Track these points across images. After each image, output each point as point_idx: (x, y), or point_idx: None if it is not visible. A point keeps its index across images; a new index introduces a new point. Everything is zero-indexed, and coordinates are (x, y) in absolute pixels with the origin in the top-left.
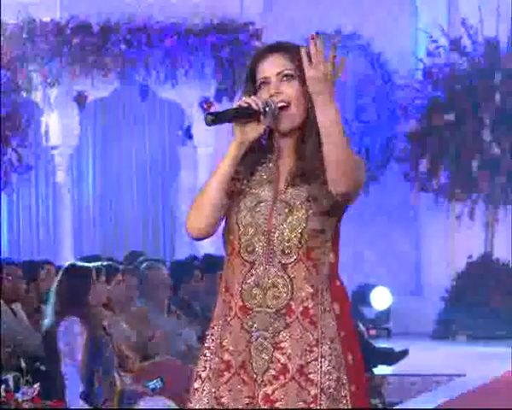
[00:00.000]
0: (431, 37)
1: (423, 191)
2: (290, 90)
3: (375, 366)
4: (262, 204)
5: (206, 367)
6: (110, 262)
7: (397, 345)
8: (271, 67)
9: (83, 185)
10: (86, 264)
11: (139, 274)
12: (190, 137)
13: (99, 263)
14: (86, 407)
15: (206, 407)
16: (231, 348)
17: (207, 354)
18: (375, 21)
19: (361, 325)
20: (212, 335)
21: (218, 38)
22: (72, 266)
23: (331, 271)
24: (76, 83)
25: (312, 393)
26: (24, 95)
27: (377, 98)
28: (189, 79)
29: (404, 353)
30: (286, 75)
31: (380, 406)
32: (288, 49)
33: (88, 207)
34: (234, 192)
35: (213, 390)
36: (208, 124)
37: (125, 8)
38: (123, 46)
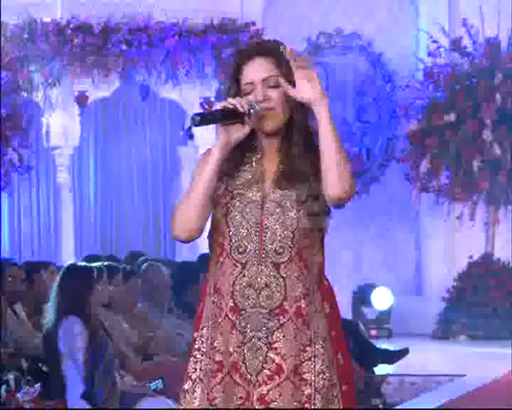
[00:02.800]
0: (432, 37)
1: (424, 191)
2: (276, 95)
3: (376, 366)
4: (252, 205)
5: (196, 369)
6: (111, 262)
7: (397, 345)
8: (257, 72)
9: (83, 185)
10: (87, 264)
11: (140, 274)
12: (191, 137)
13: (100, 263)
14: (87, 406)
15: (200, 406)
16: (222, 348)
17: (198, 356)
18: (375, 21)
19: (361, 325)
20: (201, 336)
21: (218, 38)
22: (73, 266)
23: (320, 271)
24: (77, 83)
25: (306, 393)
26: (25, 95)
27: (378, 98)
28: (189, 79)
29: (405, 352)
30: (271, 83)
31: (380, 406)
32: (273, 53)
33: (89, 208)
34: (219, 194)
35: (206, 392)
36: (195, 125)
37: (126, 8)
38: (123, 46)
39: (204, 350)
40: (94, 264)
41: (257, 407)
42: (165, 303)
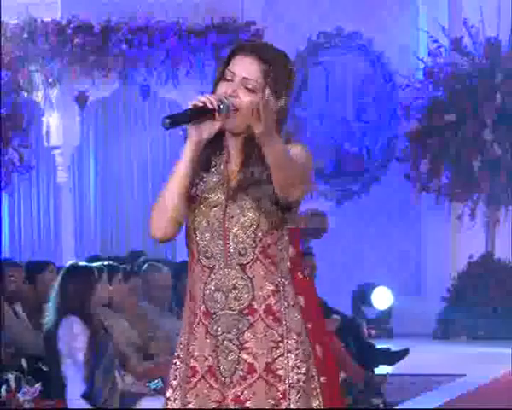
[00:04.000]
0: (432, 36)
1: (424, 191)
2: (246, 99)
3: (376, 366)
4: (216, 208)
5: (176, 376)
6: (111, 262)
7: (398, 345)
8: (242, 68)
9: (84, 185)
10: (88, 264)
11: (140, 274)
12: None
13: (100, 263)
14: (87, 406)
15: None
16: (197, 353)
17: (177, 363)
18: (375, 21)
19: (363, 326)
20: (180, 343)
21: (219, 38)
22: (74, 266)
23: (292, 265)
24: (77, 83)
25: (281, 389)
26: (25, 95)
27: (378, 98)
28: (190, 79)
29: (405, 352)
30: (249, 85)
31: (380, 405)
32: (268, 62)
33: (89, 207)
34: (189, 198)
35: (182, 397)
36: (166, 128)
37: (126, 8)
38: (124, 46)
39: (182, 357)
40: (94, 264)
41: (231, 407)
42: (165, 303)
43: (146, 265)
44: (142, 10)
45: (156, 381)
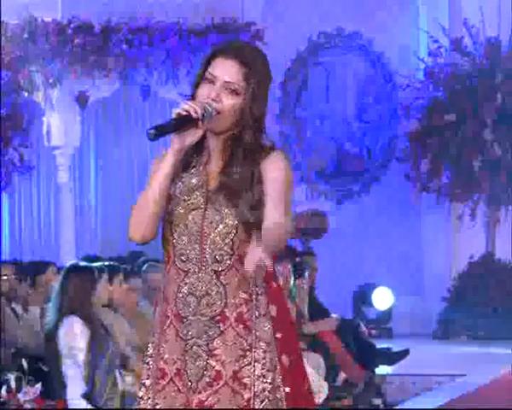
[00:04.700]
0: (432, 37)
1: (424, 191)
2: (229, 102)
3: (377, 366)
4: (194, 212)
5: (149, 375)
6: (112, 262)
7: (398, 345)
8: (224, 71)
9: (84, 185)
10: (88, 264)
11: (140, 274)
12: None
13: (101, 263)
14: (87, 406)
15: None
16: (166, 356)
17: (150, 363)
18: (376, 21)
19: (362, 325)
20: (152, 343)
21: (219, 37)
22: (75, 266)
23: (267, 274)
24: (77, 83)
25: (246, 397)
26: (25, 95)
27: (378, 98)
28: (190, 79)
29: (405, 352)
30: (232, 88)
31: (381, 406)
32: (249, 65)
33: (89, 208)
34: (168, 199)
35: (152, 397)
36: (151, 139)
37: (127, 8)
38: (124, 46)
39: (154, 357)
40: (95, 264)
41: None
42: None
43: (146, 265)
44: (143, 10)
45: None
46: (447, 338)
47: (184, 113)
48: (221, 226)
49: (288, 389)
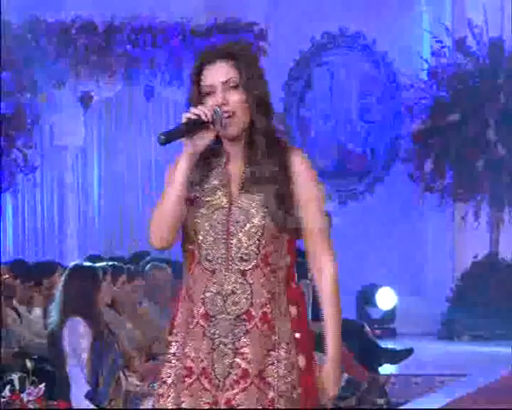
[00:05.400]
0: (435, 37)
1: (428, 191)
2: (235, 98)
3: (380, 365)
4: (218, 211)
5: (170, 374)
6: (115, 263)
7: (401, 345)
8: (217, 75)
9: (88, 185)
10: (92, 264)
11: (144, 275)
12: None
13: (104, 263)
14: (91, 407)
15: None
16: (193, 354)
17: (173, 361)
18: (379, 21)
19: (367, 327)
20: (176, 341)
21: (222, 38)
22: (78, 266)
23: (287, 273)
24: (81, 83)
25: (270, 396)
26: (29, 95)
27: (382, 98)
28: None
29: (409, 351)
30: (231, 85)
31: (384, 406)
32: (233, 56)
33: (93, 208)
34: (187, 201)
35: (176, 395)
36: (161, 144)
37: (130, 8)
38: (128, 46)
39: (178, 356)
40: (98, 264)
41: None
42: (169, 303)
43: (149, 265)
44: (146, 11)
45: None
46: (451, 338)
47: (194, 117)
48: (248, 226)
49: (300, 390)
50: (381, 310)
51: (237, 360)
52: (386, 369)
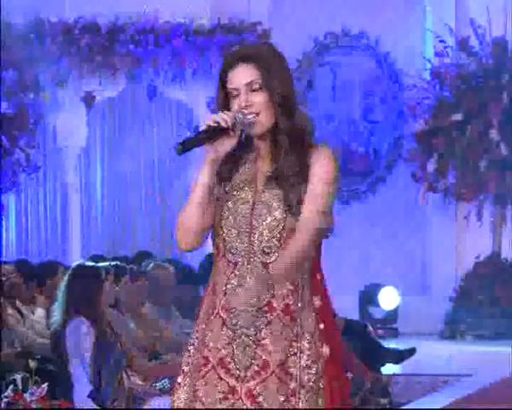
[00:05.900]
0: (438, 37)
1: (431, 191)
2: (259, 99)
3: (383, 365)
4: (243, 206)
5: (188, 363)
6: (118, 263)
7: (404, 345)
8: (240, 78)
9: (91, 185)
10: (95, 264)
11: (147, 275)
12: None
13: (107, 263)
14: (94, 406)
15: (186, 399)
16: (211, 344)
17: (191, 351)
18: (382, 21)
19: (370, 327)
20: (197, 332)
21: (225, 38)
22: (81, 266)
23: (312, 265)
24: (84, 83)
25: (291, 386)
26: (32, 95)
27: (385, 98)
28: (196, 79)
29: (412, 351)
30: (254, 86)
31: (387, 405)
32: (255, 58)
33: (96, 207)
34: (218, 197)
35: (192, 383)
36: (179, 153)
37: (133, 8)
38: (131, 46)
39: (197, 346)
40: (101, 264)
41: (243, 403)
42: (171, 303)
43: (151, 264)
44: (149, 10)
45: (163, 381)
46: (454, 338)
47: (214, 124)
48: (269, 219)
49: (328, 379)
50: (384, 310)
51: (258, 351)
52: (389, 369)
